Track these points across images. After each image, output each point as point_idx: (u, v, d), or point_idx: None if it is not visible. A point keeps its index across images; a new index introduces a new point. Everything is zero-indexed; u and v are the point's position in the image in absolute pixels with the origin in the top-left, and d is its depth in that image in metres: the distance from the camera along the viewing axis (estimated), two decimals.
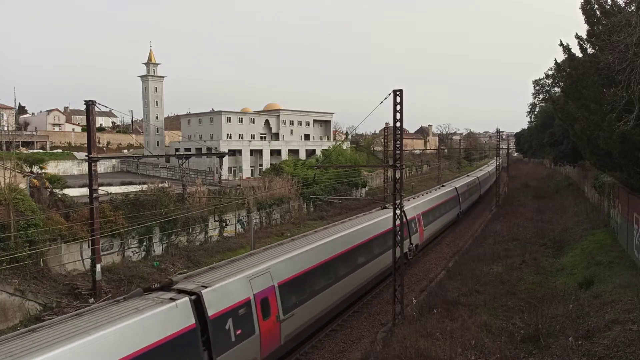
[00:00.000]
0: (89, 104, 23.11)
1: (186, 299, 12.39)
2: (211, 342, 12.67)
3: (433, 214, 34.36)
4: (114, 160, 72.32)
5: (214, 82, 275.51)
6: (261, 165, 70.11)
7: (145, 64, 78.04)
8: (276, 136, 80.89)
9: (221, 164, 57.91)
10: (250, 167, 69.66)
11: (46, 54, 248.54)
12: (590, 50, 20.21)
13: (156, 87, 78.59)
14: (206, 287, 13.24)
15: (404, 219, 23.87)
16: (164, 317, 11.58)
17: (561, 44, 21.31)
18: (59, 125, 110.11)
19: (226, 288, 13.72)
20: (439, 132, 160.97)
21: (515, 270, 22.95)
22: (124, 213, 29.77)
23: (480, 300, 18.90)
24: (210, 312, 12.84)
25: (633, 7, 18.00)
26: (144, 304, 11.93)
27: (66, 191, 32.98)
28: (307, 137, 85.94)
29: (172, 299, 12.26)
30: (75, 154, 72.61)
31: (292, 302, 16.35)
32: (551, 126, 43.31)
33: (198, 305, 12.61)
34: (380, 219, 24.60)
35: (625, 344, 12.11)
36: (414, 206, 30.61)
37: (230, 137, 73.15)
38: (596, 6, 19.40)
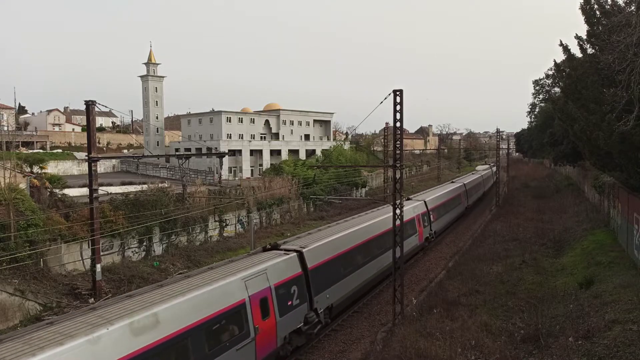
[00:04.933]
0: (89, 104, 23.13)
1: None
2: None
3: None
4: (114, 160, 72.34)
5: (214, 82, 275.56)
6: (261, 165, 70.13)
7: (145, 64, 78.07)
8: (276, 136, 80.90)
9: (221, 164, 57.92)
10: (250, 167, 69.68)
11: (46, 53, 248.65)
12: (590, 51, 20.21)
13: (156, 87, 78.62)
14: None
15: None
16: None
17: (561, 44, 21.33)
18: (59, 125, 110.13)
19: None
20: (439, 132, 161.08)
21: (515, 270, 22.96)
22: (124, 213, 29.77)
23: (480, 300, 18.91)
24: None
25: (633, 7, 18.00)
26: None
27: (66, 191, 32.98)
28: (307, 137, 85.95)
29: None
30: (75, 154, 72.64)
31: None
32: (551, 126, 43.33)
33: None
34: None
35: (625, 344, 12.12)
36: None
37: (230, 137, 73.17)
38: (596, 6, 19.40)
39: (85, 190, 29.02)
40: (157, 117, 79.37)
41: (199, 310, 12.59)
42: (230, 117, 75.26)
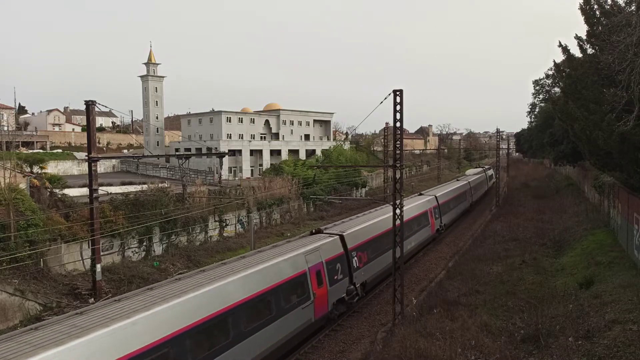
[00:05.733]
0: (89, 104, 23.13)
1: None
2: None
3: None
4: (114, 160, 72.34)
5: (214, 82, 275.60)
6: (261, 165, 70.13)
7: (145, 64, 78.07)
8: (276, 136, 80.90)
9: (221, 164, 57.90)
10: (250, 167, 69.67)
11: (46, 53, 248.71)
12: (590, 51, 20.21)
13: (156, 87, 78.62)
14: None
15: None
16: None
17: (560, 45, 21.33)
18: (59, 125, 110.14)
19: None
20: (439, 132, 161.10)
21: (515, 270, 22.95)
22: (124, 213, 29.77)
23: (480, 300, 18.91)
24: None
25: (633, 7, 18.00)
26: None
27: (66, 191, 32.97)
28: (307, 137, 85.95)
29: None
30: (75, 154, 72.64)
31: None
32: (551, 126, 43.31)
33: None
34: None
35: (625, 344, 12.12)
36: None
37: (230, 137, 73.17)
38: (596, 6, 19.39)
39: (85, 190, 29.03)
40: (157, 117, 79.36)
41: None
42: (230, 117, 75.26)
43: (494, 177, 72.75)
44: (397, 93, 17.82)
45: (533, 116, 65.02)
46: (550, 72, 50.19)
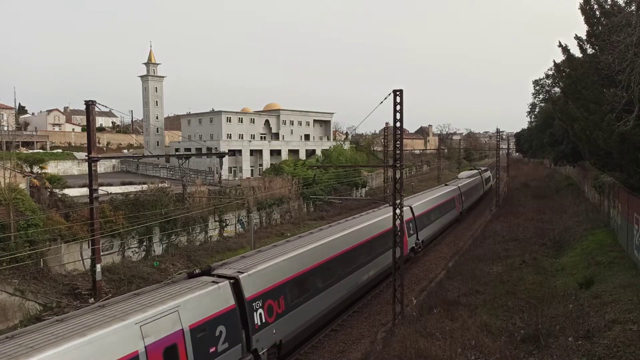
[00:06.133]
0: (89, 104, 23.13)
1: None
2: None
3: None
4: (114, 160, 72.34)
5: (214, 82, 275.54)
6: (261, 165, 70.12)
7: (145, 64, 78.06)
8: (276, 136, 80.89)
9: (221, 164, 57.90)
10: (250, 167, 69.66)
11: (46, 53, 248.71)
12: (590, 51, 20.20)
13: (156, 87, 78.61)
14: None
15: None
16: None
17: (560, 45, 21.32)
18: (59, 125, 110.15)
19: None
20: (439, 132, 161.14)
21: (515, 270, 22.95)
22: (124, 213, 29.77)
23: (480, 300, 18.90)
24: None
25: (633, 7, 18.00)
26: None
27: (66, 191, 32.97)
28: (307, 137, 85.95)
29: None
30: (75, 154, 72.64)
31: None
32: (551, 126, 43.32)
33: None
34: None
35: (625, 344, 12.12)
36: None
37: (230, 137, 73.16)
38: (596, 6, 19.39)
39: (85, 190, 29.02)
40: (157, 117, 79.35)
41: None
42: (230, 117, 75.25)
43: (491, 179, 69.85)
44: (397, 93, 17.83)
45: (533, 116, 65.07)
46: (550, 72, 50.24)
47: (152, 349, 11.15)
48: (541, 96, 58.18)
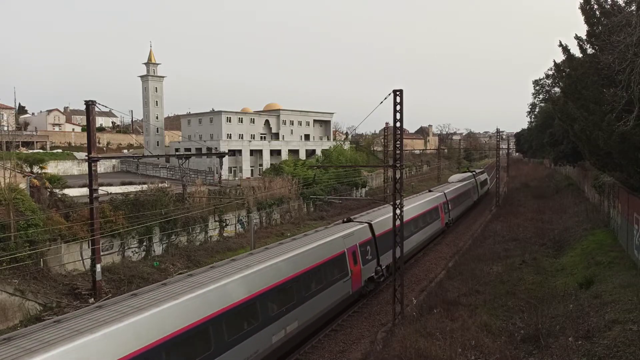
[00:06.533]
0: (89, 104, 23.12)
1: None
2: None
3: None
4: (114, 160, 72.36)
5: (214, 82, 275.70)
6: (261, 165, 70.14)
7: (145, 64, 78.09)
8: (276, 136, 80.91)
9: (221, 164, 57.92)
10: (250, 167, 69.68)
11: (46, 53, 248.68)
12: (590, 51, 20.20)
13: (156, 87, 78.64)
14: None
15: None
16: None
17: (560, 45, 21.32)
18: (59, 125, 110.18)
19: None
20: (439, 132, 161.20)
21: (515, 270, 22.95)
22: (124, 213, 29.76)
23: (480, 300, 18.90)
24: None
25: (633, 7, 17.99)
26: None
27: (66, 191, 32.97)
28: (307, 137, 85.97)
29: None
30: (75, 154, 72.67)
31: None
32: (551, 126, 43.33)
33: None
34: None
35: (625, 344, 12.11)
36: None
37: (230, 137, 73.18)
38: (596, 6, 19.38)
39: (85, 190, 29.02)
40: (157, 117, 79.37)
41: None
42: (230, 117, 75.27)
43: (488, 182, 66.31)
44: (397, 93, 17.83)
45: (533, 116, 65.14)
46: (550, 72, 50.31)
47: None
48: (541, 96, 58.25)
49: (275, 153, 73.70)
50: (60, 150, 78.08)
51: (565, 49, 21.36)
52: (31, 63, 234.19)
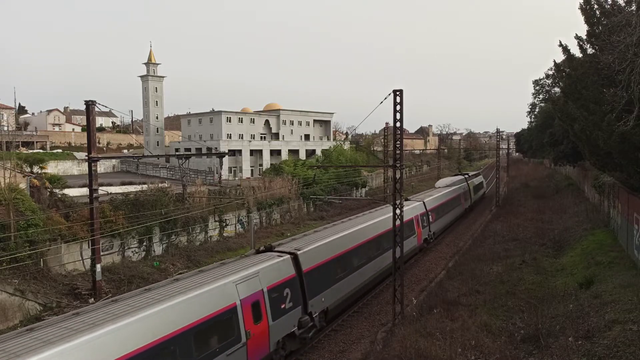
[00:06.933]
0: (89, 104, 23.12)
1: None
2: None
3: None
4: (114, 160, 72.35)
5: (214, 82, 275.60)
6: (261, 165, 70.14)
7: (145, 64, 78.10)
8: (276, 136, 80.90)
9: (221, 164, 57.93)
10: (250, 167, 69.68)
11: (46, 53, 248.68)
12: (590, 51, 20.20)
13: (156, 87, 78.65)
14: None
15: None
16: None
17: (560, 45, 21.33)
18: (59, 125, 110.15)
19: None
20: (439, 132, 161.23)
21: (515, 270, 22.94)
22: (124, 213, 29.77)
23: (480, 300, 18.90)
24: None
25: (633, 7, 17.99)
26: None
27: (66, 191, 32.98)
28: (307, 137, 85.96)
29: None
30: (75, 154, 72.67)
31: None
32: (551, 126, 43.32)
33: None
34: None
35: (625, 344, 12.11)
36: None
37: (230, 137, 73.18)
38: (596, 6, 19.39)
39: (85, 190, 29.02)
40: (157, 117, 79.38)
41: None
42: (230, 117, 75.27)
43: (484, 185, 61.48)
44: (397, 93, 17.83)
45: (533, 116, 65.12)
46: (550, 72, 50.29)
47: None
48: (541, 96, 58.24)
49: (275, 153, 73.70)
50: (60, 150, 78.08)
51: (565, 49, 21.37)
52: (31, 63, 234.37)
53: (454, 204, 42.00)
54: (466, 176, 53.14)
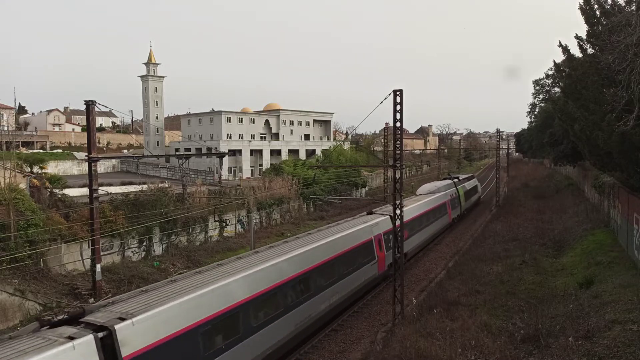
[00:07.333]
0: (89, 104, 23.12)
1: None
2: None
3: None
4: (114, 160, 72.38)
5: (214, 82, 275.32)
6: (261, 165, 70.16)
7: (145, 64, 78.13)
8: (276, 136, 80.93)
9: (221, 164, 57.95)
10: (250, 167, 69.71)
11: (46, 53, 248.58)
12: (590, 51, 20.21)
13: (156, 87, 78.68)
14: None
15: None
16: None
17: (560, 45, 21.34)
18: (59, 125, 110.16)
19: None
20: (439, 132, 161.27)
21: (515, 270, 22.94)
22: (124, 213, 29.77)
23: (480, 300, 18.90)
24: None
25: (633, 7, 18.00)
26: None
27: (66, 191, 32.99)
28: (307, 137, 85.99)
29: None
30: (75, 154, 72.70)
31: None
32: (551, 126, 43.33)
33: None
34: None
35: (625, 344, 12.11)
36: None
37: (230, 137, 73.21)
38: (596, 6, 19.40)
39: (85, 190, 29.02)
40: (157, 117, 79.41)
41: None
42: (230, 117, 75.30)
43: (479, 189, 56.95)
44: (397, 93, 17.82)
45: (533, 116, 65.17)
46: (551, 72, 50.33)
47: None
48: (541, 96, 58.33)
49: (275, 153, 73.73)
50: (60, 150, 78.11)
51: (565, 49, 21.38)
52: (31, 63, 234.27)
53: (435, 215, 35.38)
54: (456, 180, 46.66)
